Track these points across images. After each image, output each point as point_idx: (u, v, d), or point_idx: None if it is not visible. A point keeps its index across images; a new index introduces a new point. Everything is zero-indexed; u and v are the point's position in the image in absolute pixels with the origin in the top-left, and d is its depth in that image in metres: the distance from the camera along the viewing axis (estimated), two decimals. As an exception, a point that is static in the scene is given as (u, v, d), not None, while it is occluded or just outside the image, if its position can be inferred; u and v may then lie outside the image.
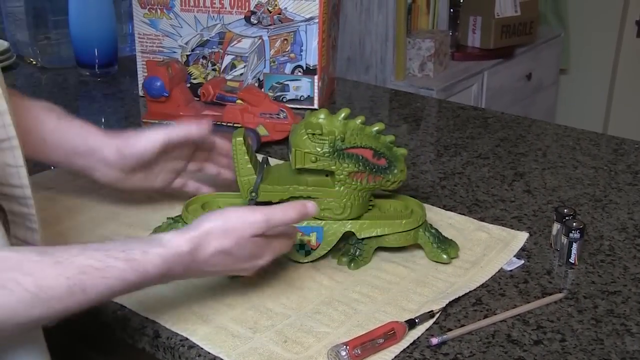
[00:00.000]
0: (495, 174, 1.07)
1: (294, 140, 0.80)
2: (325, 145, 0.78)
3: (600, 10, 2.86)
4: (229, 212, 0.69)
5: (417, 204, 0.85)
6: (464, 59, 2.27)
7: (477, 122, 1.30)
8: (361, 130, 0.80)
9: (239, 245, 0.68)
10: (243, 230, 0.68)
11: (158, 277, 0.64)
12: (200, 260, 0.67)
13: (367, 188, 0.81)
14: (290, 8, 1.26)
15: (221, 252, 0.67)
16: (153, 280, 0.64)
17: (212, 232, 0.67)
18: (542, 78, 2.65)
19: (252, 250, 0.69)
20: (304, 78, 1.30)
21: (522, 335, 0.71)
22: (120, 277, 0.61)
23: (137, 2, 1.30)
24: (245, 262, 0.70)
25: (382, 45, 2.01)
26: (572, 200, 0.99)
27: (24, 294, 0.55)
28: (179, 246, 0.65)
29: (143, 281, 0.63)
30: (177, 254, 0.65)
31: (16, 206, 0.65)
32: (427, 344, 0.69)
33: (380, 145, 0.80)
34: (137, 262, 0.62)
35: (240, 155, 0.81)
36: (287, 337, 0.69)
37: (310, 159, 0.78)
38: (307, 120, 0.80)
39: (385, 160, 0.80)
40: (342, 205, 0.80)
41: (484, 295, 0.77)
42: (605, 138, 1.24)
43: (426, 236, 0.82)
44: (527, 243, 0.87)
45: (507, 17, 2.32)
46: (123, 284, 0.62)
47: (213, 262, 0.68)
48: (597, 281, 0.80)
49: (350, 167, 0.79)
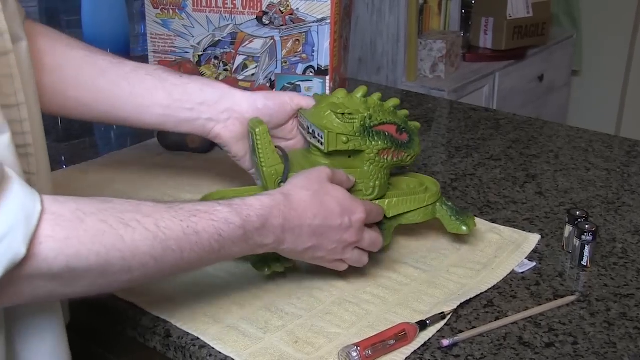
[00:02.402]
0: (507, 176, 1.07)
1: (321, 123, 0.77)
2: (355, 123, 0.77)
3: (613, 11, 2.84)
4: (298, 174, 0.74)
5: (429, 179, 0.86)
6: (475, 60, 2.26)
7: (489, 123, 1.30)
8: (381, 106, 0.79)
9: (324, 189, 0.71)
10: (319, 172, 0.73)
11: (259, 225, 0.66)
12: (296, 206, 0.68)
13: (390, 165, 0.80)
14: (302, 9, 1.26)
15: (310, 196, 0.70)
16: (254, 230, 0.65)
17: (293, 182, 0.71)
18: (554, 79, 2.63)
19: (341, 201, 0.71)
20: (316, 79, 1.30)
21: (533, 338, 0.70)
22: (227, 220, 0.63)
23: (150, 2, 1.31)
24: (337, 216, 0.71)
25: (394, 46, 2.01)
26: (585, 202, 0.98)
27: (146, 233, 0.58)
28: (270, 194, 0.69)
29: (246, 228, 0.65)
30: (271, 199, 0.68)
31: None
32: (438, 346, 0.69)
33: (400, 120, 0.80)
34: (239, 207, 0.65)
35: (265, 145, 0.79)
36: (298, 338, 0.69)
37: (342, 140, 0.77)
38: (329, 101, 0.79)
39: (406, 134, 0.80)
40: (371, 185, 0.79)
41: (496, 297, 0.77)
42: (618, 140, 1.24)
43: (444, 209, 0.82)
44: (539, 245, 0.87)
45: (519, 19, 2.31)
46: (229, 228, 0.63)
47: (309, 209, 0.69)
48: (609, 284, 0.79)
49: (379, 145, 0.78)
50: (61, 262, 0.54)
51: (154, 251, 0.59)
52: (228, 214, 0.64)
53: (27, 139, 0.62)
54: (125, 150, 1.14)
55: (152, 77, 0.81)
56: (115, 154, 1.13)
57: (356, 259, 0.75)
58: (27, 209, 0.52)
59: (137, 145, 1.16)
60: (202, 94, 0.82)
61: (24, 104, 0.61)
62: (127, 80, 0.80)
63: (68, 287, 0.57)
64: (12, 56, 0.59)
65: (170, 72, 0.83)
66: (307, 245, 0.71)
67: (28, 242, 0.51)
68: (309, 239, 0.70)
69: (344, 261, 0.75)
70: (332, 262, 0.75)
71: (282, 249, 0.70)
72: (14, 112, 0.60)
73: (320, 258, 0.73)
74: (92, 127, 1.31)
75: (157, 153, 1.12)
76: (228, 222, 0.64)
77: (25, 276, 0.53)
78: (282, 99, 0.84)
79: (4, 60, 0.59)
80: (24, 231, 0.51)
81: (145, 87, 0.81)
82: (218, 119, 0.82)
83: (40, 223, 0.52)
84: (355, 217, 0.72)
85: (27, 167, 0.62)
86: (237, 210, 0.65)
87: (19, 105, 0.61)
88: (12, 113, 0.60)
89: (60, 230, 0.53)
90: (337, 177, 0.74)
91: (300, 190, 0.70)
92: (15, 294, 0.54)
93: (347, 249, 0.74)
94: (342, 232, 0.72)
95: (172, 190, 0.99)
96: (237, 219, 0.64)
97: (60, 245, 0.53)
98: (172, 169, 1.07)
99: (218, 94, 0.82)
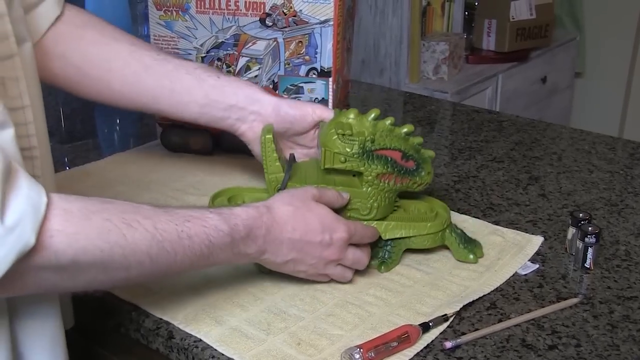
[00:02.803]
0: (510, 178, 1.07)
1: (323, 140, 0.80)
2: (355, 146, 0.78)
3: (616, 13, 2.84)
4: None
5: (442, 205, 0.86)
6: (478, 62, 2.26)
7: (492, 125, 1.30)
8: (390, 131, 0.79)
9: (307, 207, 0.73)
10: (304, 191, 0.75)
11: (244, 234, 0.68)
12: (278, 218, 0.71)
13: (394, 189, 0.81)
14: (306, 10, 1.26)
15: (292, 211, 0.72)
16: (240, 239, 0.68)
17: (277, 197, 0.74)
18: (557, 81, 2.63)
19: (323, 218, 0.73)
20: (319, 80, 1.30)
21: (536, 340, 0.70)
22: (217, 227, 0.66)
23: (153, 4, 1.31)
24: (318, 232, 0.73)
25: (397, 48, 2.01)
26: (588, 204, 0.98)
27: (145, 233, 0.60)
28: (255, 206, 0.71)
29: (233, 236, 0.67)
30: (256, 210, 0.70)
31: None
32: (440, 348, 0.69)
33: (409, 147, 0.80)
34: (227, 215, 0.67)
35: (269, 152, 0.82)
36: (300, 340, 0.69)
37: (340, 159, 0.79)
38: (337, 119, 0.80)
39: (413, 162, 0.80)
40: (368, 206, 0.80)
41: (499, 299, 0.77)
42: (622, 142, 1.23)
43: (453, 237, 0.83)
44: (542, 247, 0.87)
45: (522, 20, 2.31)
46: (219, 235, 0.66)
47: (289, 223, 0.71)
48: (612, 286, 0.79)
49: (378, 169, 0.79)
50: (69, 256, 0.56)
51: (151, 251, 0.61)
52: (218, 222, 0.66)
53: (32, 141, 0.62)
54: (128, 152, 1.14)
55: (192, 77, 0.86)
56: (118, 156, 1.13)
57: (338, 275, 0.77)
58: (33, 201, 0.54)
59: (140, 147, 1.16)
60: (235, 97, 0.87)
61: (29, 107, 0.61)
62: (168, 79, 0.86)
63: (70, 281, 0.59)
64: (17, 59, 0.59)
65: (209, 71, 0.88)
66: (288, 258, 0.73)
67: (37, 232, 0.53)
68: (289, 252, 0.72)
69: (327, 276, 0.77)
70: (313, 276, 0.77)
71: (263, 259, 0.72)
72: (20, 114, 0.60)
73: (301, 272, 0.75)
74: (95, 128, 1.32)
75: (160, 155, 1.12)
76: (218, 229, 0.66)
77: (35, 267, 0.55)
78: (305, 109, 0.87)
79: (9, 63, 0.59)
80: (32, 221, 0.53)
81: (184, 85, 0.86)
82: (245, 119, 0.87)
83: (51, 217, 0.55)
84: (336, 235, 0.74)
85: (32, 170, 0.62)
86: (226, 219, 0.67)
87: (24, 107, 0.61)
88: (18, 116, 0.60)
89: (69, 226, 0.56)
90: (324, 197, 0.76)
91: (283, 205, 0.72)
92: (21, 284, 0.56)
93: (329, 265, 0.76)
94: (322, 248, 0.74)
95: (175, 191, 0.99)
96: (226, 227, 0.67)
97: (69, 239, 0.56)
98: (175, 170, 1.07)
99: (250, 97, 0.87)
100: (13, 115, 0.59)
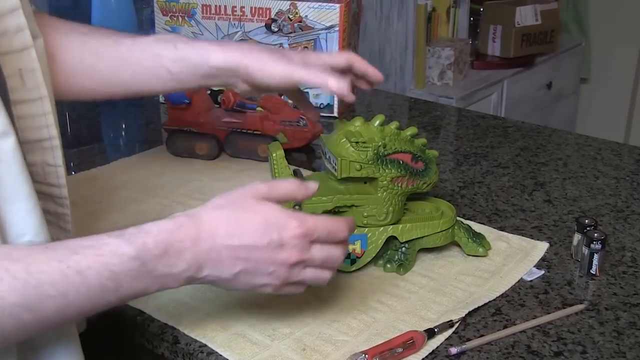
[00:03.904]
0: (515, 184, 1.07)
1: (336, 150, 0.80)
2: (369, 152, 0.79)
3: (621, 19, 2.84)
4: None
5: (445, 204, 0.88)
6: (483, 67, 2.26)
7: (497, 131, 1.29)
8: (397, 135, 0.81)
9: (243, 207, 0.62)
10: (242, 190, 0.64)
11: (159, 253, 0.58)
12: (206, 225, 0.60)
13: (406, 192, 0.82)
14: (311, 16, 1.26)
15: (225, 214, 0.61)
16: (155, 259, 0.57)
17: (207, 203, 0.63)
18: (562, 87, 2.63)
19: (266, 216, 0.62)
20: (324, 86, 1.30)
21: (542, 347, 0.70)
22: (117, 253, 0.56)
23: (159, 9, 1.32)
24: (262, 233, 0.61)
25: (402, 54, 2.01)
26: (593, 210, 0.98)
27: (14, 282, 0.52)
28: (174, 216, 0.61)
29: (144, 258, 0.57)
30: (173, 222, 0.59)
31: (52, 205, 0.65)
32: (446, 354, 0.69)
33: (416, 148, 0.82)
34: (132, 235, 0.57)
35: (281, 169, 0.82)
36: (305, 345, 0.69)
37: (355, 167, 0.79)
38: (345, 128, 0.81)
39: (422, 163, 0.82)
40: (385, 211, 0.81)
41: (504, 305, 0.76)
42: (627, 148, 1.23)
43: (462, 232, 0.85)
44: (547, 253, 0.87)
45: (528, 26, 2.31)
46: (121, 261, 0.56)
47: (222, 228, 0.60)
48: (619, 293, 0.79)
49: (393, 173, 0.80)
50: None
51: (26, 300, 0.52)
52: (118, 245, 0.56)
53: (51, 132, 0.62)
54: (134, 157, 1.15)
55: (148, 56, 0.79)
56: (124, 161, 1.13)
57: (311, 278, 0.65)
58: None
59: (145, 152, 1.17)
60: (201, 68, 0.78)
61: (47, 97, 0.61)
62: (126, 63, 0.79)
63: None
64: (32, 50, 0.60)
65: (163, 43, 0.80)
66: (235, 271, 0.61)
67: None
68: (234, 263, 0.61)
69: (301, 283, 0.65)
70: (283, 288, 0.64)
71: (205, 278, 0.61)
72: (38, 105, 0.61)
73: (266, 286, 0.63)
74: (101, 133, 1.32)
75: (165, 159, 1.13)
76: (118, 254, 0.56)
77: None
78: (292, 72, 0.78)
79: (26, 55, 0.59)
80: None
81: (144, 66, 0.79)
82: (226, 84, 0.81)
83: None
84: (287, 233, 0.61)
85: (53, 160, 0.63)
86: (130, 240, 0.57)
87: (42, 98, 0.61)
88: (37, 107, 0.61)
89: None
90: (276, 191, 0.64)
91: (211, 209, 0.62)
92: None
93: (294, 270, 0.63)
94: (273, 251, 0.61)
95: (180, 196, 1.00)
96: (130, 249, 0.56)
97: None
98: (181, 175, 1.07)
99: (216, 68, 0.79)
100: (32, 106, 0.60)
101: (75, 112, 1.35)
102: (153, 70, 0.79)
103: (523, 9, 2.30)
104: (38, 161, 0.63)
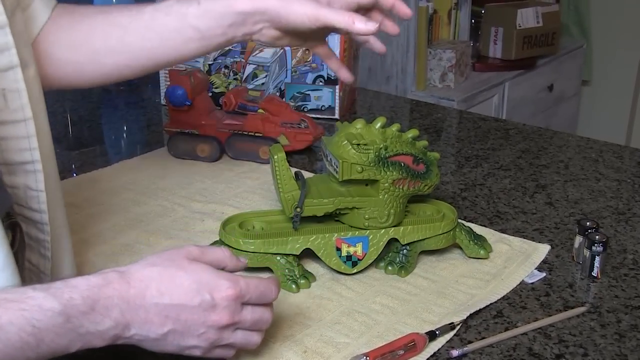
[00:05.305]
0: (517, 186, 1.07)
1: (337, 152, 0.80)
2: (370, 154, 0.79)
3: (623, 21, 2.84)
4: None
5: (447, 206, 0.88)
6: (485, 69, 2.26)
7: (498, 133, 1.29)
8: (399, 137, 0.81)
9: (177, 265, 0.60)
10: (177, 251, 0.63)
11: (86, 309, 0.55)
12: (136, 283, 0.58)
13: (407, 194, 0.82)
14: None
15: (157, 271, 0.59)
16: (81, 315, 0.55)
17: (140, 260, 0.61)
18: (564, 89, 2.63)
19: (199, 276, 0.60)
20: (325, 88, 1.31)
21: (543, 349, 0.70)
22: (42, 307, 0.53)
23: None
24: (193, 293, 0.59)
25: (403, 56, 2.01)
26: (595, 212, 0.98)
27: None
28: (104, 272, 0.58)
29: (69, 314, 0.54)
30: (102, 277, 0.57)
31: (33, 230, 0.65)
32: (447, 356, 0.69)
33: (417, 150, 0.82)
34: (59, 290, 0.55)
35: (283, 171, 0.81)
36: (307, 347, 0.69)
37: (357, 169, 0.79)
38: (346, 131, 0.81)
39: (423, 165, 0.82)
40: (386, 213, 0.81)
41: (505, 307, 0.76)
42: (629, 150, 1.23)
43: (463, 234, 0.85)
44: (548, 256, 0.86)
45: (529, 28, 2.31)
46: (46, 316, 0.53)
47: (153, 286, 0.58)
48: (620, 295, 0.79)
49: (394, 175, 0.80)
50: None
51: None
52: (43, 300, 0.54)
53: (34, 155, 0.61)
54: (136, 159, 1.15)
55: (173, 18, 0.77)
56: (125, 162, 1.13)
57: (241, 341, 0.63)
58: None
59: (147, 154, 1.17)
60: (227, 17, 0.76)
61: (31, 119, 0.61)
62: (152, 30, 0.77)
63: None
64: (18, 70, 0.59)
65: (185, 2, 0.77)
66: (164, 331, 0.59)
67: None
68: (162, 323, 0.59)
69: (231, 346, 0.64)
70: (212, 351, 0.62)
71: (132, 337, 0.59)
72: (21, 127, 0.60)
73: (195, 348, 0.61)
74: (102, 135, 1.32)
75: (167, 161, 1.13)
76: (43, 308, 0.53)
77: None
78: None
79: (11, 74, 0.59)
80: None
81: (170, 29, 0.77)
82: (252, 31, 0.77)
83: None
84: (219, 294, 0.60)
85: (35, 184, 0.62)
86: (56, 294, 0.54)
87: (26, 120, 0.60)
88: (19, 128, 0.60)
89: None
90: (207, 256, 0.63)
91: (144, 267, 0.60)
92: None
93: (225, 332, 0.62)
94: (204, 312, 0.60)
95: (181, 198, 1.00)
96: (56, 304, 0.54)
97: None
98: (182, 177, 1.07)
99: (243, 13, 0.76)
100: (15, 128, 0.59)
101: (77, 114, 1.35)
102: (179, 32, 0.76)
103: (524, 11, 2.30)
104: (20, 184, 0.62)
